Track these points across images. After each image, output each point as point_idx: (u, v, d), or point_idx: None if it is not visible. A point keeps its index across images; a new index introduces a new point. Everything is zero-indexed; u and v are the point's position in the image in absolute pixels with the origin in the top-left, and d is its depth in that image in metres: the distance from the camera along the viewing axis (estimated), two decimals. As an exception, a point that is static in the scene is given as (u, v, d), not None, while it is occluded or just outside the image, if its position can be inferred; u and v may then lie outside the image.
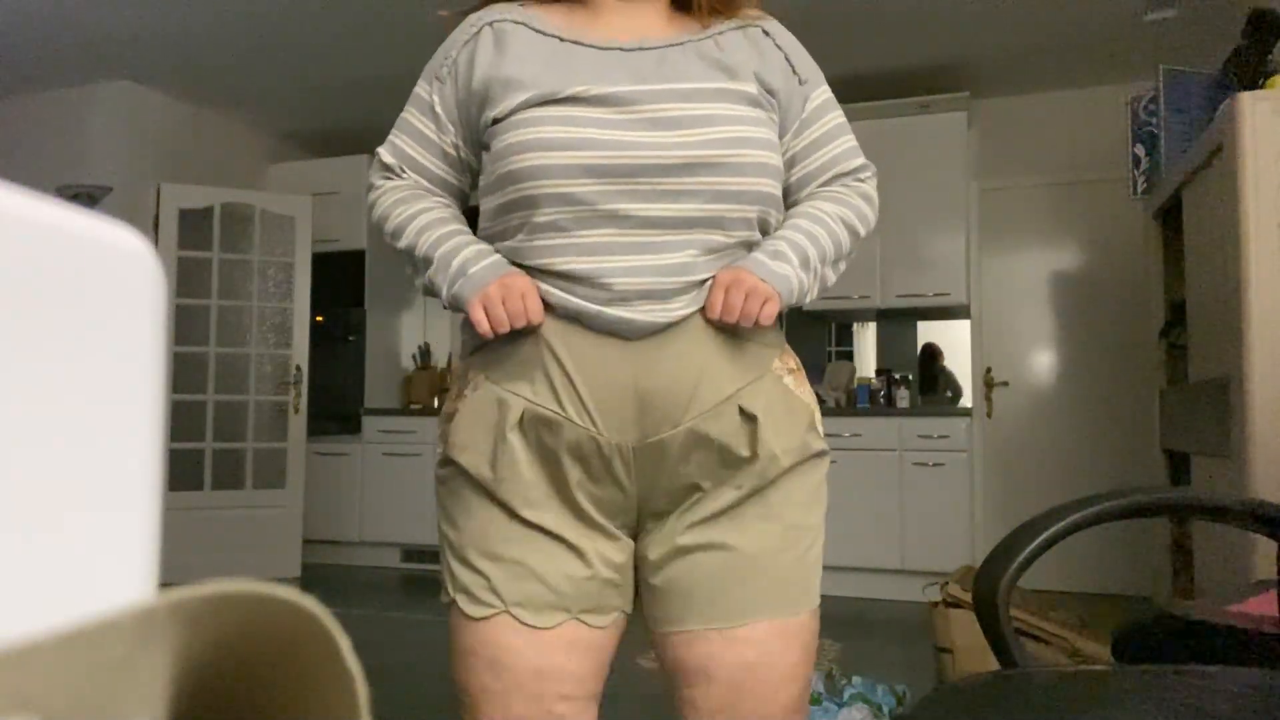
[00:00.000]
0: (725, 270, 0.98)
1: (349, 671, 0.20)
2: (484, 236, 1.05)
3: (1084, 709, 0.81)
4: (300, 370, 4.96)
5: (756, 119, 1.01)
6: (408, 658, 3.22)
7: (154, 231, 4.68)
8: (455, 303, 0.99)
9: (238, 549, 4.72)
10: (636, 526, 1.04)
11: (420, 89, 1.10)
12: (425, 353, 5.66)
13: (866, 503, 4.29)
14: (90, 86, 4.68)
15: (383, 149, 1.12)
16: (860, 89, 4.64)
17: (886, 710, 2.45)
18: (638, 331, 0.96)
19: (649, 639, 1.07)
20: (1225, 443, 2.38)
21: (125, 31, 4.09)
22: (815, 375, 4.83)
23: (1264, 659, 1.05)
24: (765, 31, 1.09)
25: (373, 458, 5.15)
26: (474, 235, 1.06)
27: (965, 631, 2.58)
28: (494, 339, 0.98)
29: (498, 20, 1.06)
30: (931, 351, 5.01)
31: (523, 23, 1.05)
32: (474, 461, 0.99)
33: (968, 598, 2.58)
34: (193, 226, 4.77)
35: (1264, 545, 2.09)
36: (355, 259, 5.36)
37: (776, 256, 1.00)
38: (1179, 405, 2.97)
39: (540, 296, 0.97)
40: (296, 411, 4.95)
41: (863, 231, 1.10)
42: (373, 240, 5.32)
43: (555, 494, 0.99)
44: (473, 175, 1.12)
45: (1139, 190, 3.45)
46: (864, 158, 1.13)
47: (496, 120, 1.00)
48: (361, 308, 5.35)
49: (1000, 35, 4.09)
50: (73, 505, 0.18)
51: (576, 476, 0.99)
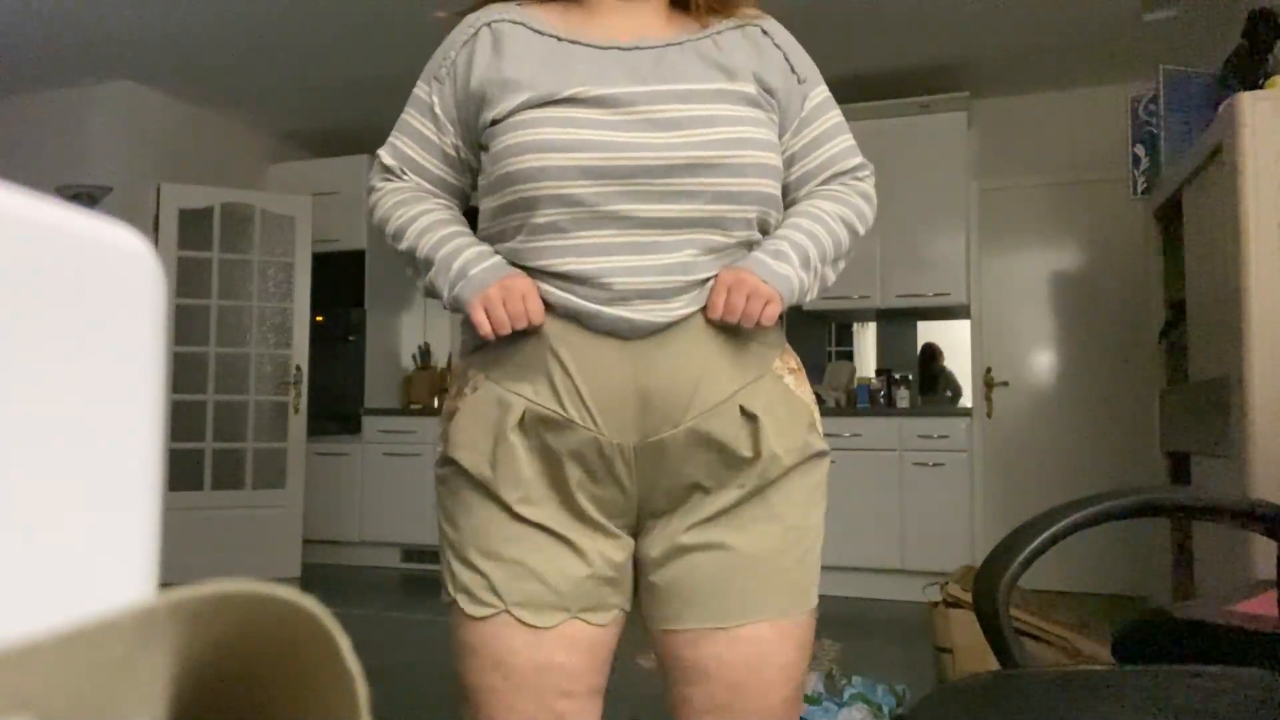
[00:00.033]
0: (727, 270, 0.98)
1: (349, 671, 0.20)
2: (483, 237, 1.05)
3: (1084, 709, 0.81)
4: (300, 370, 4.96)
5: (756, 119, 1.01)
6: (408, 658, 3.22)
7: (154, 231, 4.68)
8: (456, 304, 0.99)
9: (238, 549, 4.72)
10: (637, 526, 1.04)
11: (419, 90, 1.10)
12: (425, 353, 5.66)
13: (866, 503, 4.29)
14: (90, 86, 4.68)
15: (383, 151, 1.12)
16: (860, 89, 4.64)
17: (886, 710, 2.45)
18: (638, 331, 0.96)
19: (648, 638, 1.07)
20: (1225, 443, 2.38)
21: (125, 31, 4.09)
22: (815, 375, 4.83)
23: (1264, 659, 1.05)
24: (764, 31, 1.09)
25: (373, 458, 5.15)
26: (475, 236, 1.06)
27: (965, 631, 2.58)
28: (495, 339, 0.98)
29: (496, 20, 1.06)
30: (931, 351, 5.01)
31: (521, 22, 1.05)
32: (474, 461, 0.99)
33: (968, 598, 2.58)
34: (193, 226, 4.77)
35: (1264, 545, 2.08)
36: (355, 259, 5.37)
37: (778, 256, 1.00)
38: (1179, 405, 2.97)
39: (541, 297, 0.97)
40: (296, 411, 4.95)
41: (861, 230, 1.10)
42: (373, 240, 5.32)
43: (555, 493, 0.99)
44: (473, 175, 1.11)
45: (1139, 190, 3.44)
46: (862, 156, 1.13)
47: (495, 121, 1.00)
48: (361, 308, 5.35)
49: (1000, 35, 4.09)
50: (73, 505, 0.18)
51: (577, 476, 0.99)
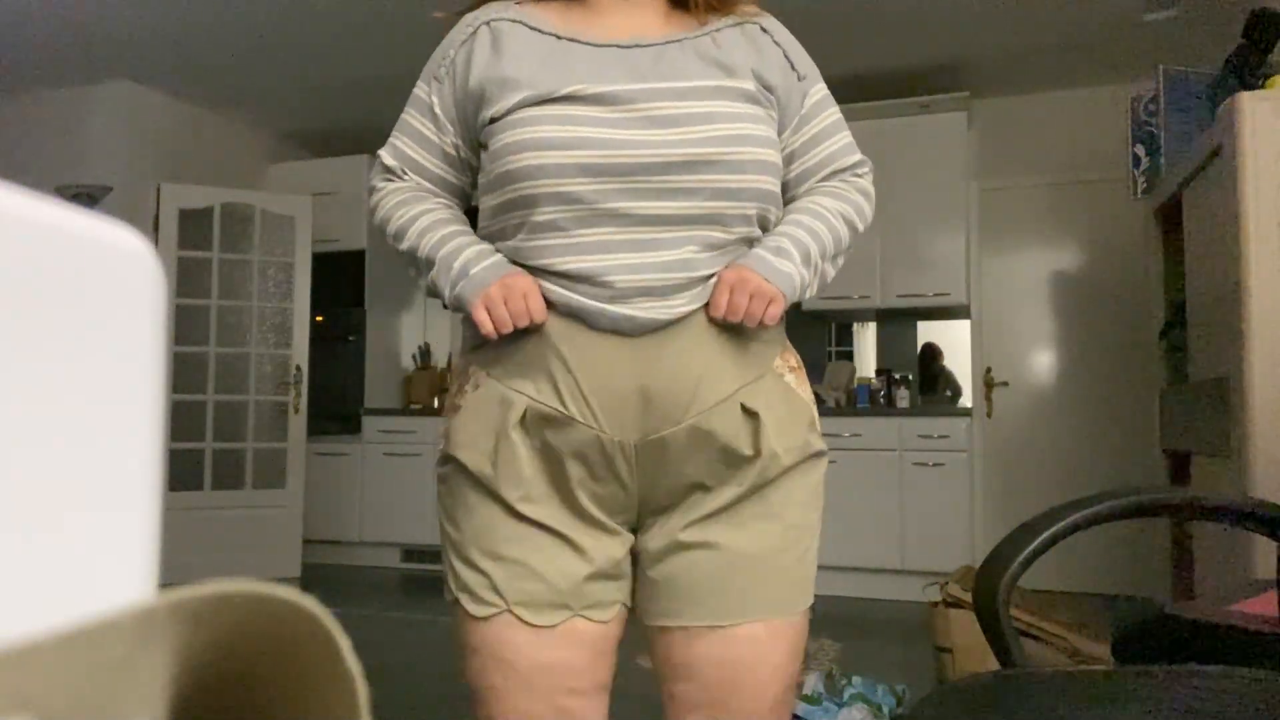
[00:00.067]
0: (730, 269, 0.98)
1: (349, 671, 0.19)
2: (483, 235, 1.05)
3: (1084, 709, 0.81)
4: (300, 370, 4.96)
5: (755, 116, 1.01)
6: (408, 658, 3.22)
7: (154, 231, 4.68)
8: (458, 303, 0.99)
9: (238, 549, 4.72)
10: (637, 522, 1.04)
11: (419, 90, 1.10)
12: (425, 353, 5.66)
13: (866, 503, 4.29)
14: (90, 86, 4.68)
15: (383, 151, 1.12)
16: (860, 89, 4.63)
17: (886, 710, 2.45)
18: (639, 329, 0.96)
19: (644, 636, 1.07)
20: (1225, 443, 2.38)
21: (125, 31, 4.09)
22: (815, 375, 4.83)
23: (1264, 659, 1.05)
24: (763, 28, 1.09)
25: (373, 458, 5.15)
26: (476, 235, 1.06)
27: (965, 631, 2.58)
28: (497, 338, 0.99)
29: (494, 19, 1.06)
30: (931, 351, 5.01)
31: (519, 21, 1.05)
32: (475, 459, 0.99)
33: (968, 598, 2.58)
34: (193, 226, 4.77)
35: (1264, 545, 2.08)
36: (355, 259, 5.36)
37: (779, 253, 1.00)
38: (1179, 405, 2.97)
39: (542, 295, 0.97)
40: (296, 411, 4.95)
41: (861, 227, 1.11)
42: (373, 240, 5.32)
43: (555, 492, 1.00)
44: (474, 174, 1.11)
45: (1139, 190, 3.44)
46: (860, 153, 1.14)
47: (494, 119, 1.00)
48: (361, 308, 5.35)
49: (1000, 35, 4.09)
50: (73, 505, 0.18)
51: (578, 474, 0.99)
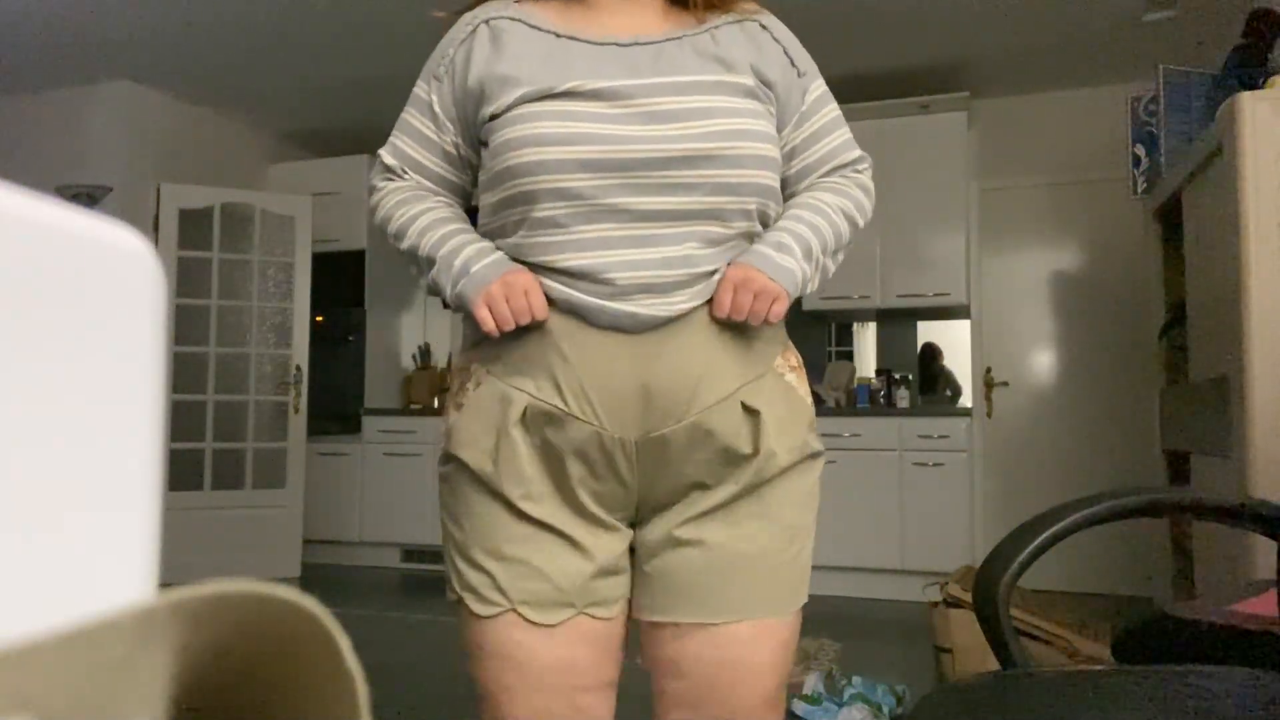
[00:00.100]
0: (733, 268, 0.98)
1: (349, 671, 0.19)
2: (483, 232, 1.05)
3: (1084, 709, 0.81)
4: (300, 370, 4.95)
5: (754, 111, 1.01)
6: (408, 658, 3.22)
7: (154, 231, 4.68)
8: (459, 302, 1.00)
9: (238, 549, 4.72)
10: (636, 519, 1.05)
11: (419, 89, 1.10)
12: (425, 353, 5.66)
13: (866, 503, 4.29)
14: (90, 86, 4.68)
15: (384, 150, 1.12)
16: (860, 89, 4.63)
17: (886, 710, 2.45)
18: (640, 325, 0.96)
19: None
20: (1225, 443, 2.38)
21: (125, 31, 4.09)
22: (815, 375, 4.83)
23: (1264, 659, 1.05)
24: (762, 25, 1.09)
25: (373, 458, 5.15)
26: (476, 233, 1.06)
27: (965, 631, 2.58)
28: (498, 335, 0.99)
29: (494, 18, 1.06)
30: (931, 351, 5.01)
31: (519, 19, 1.05)
32: (476, 458, 0.99)
33: (968, 598, 2.58)
34: (193, 226, 4.77)
35: (1264, 545, 2.08)
36: (355, 259, 5.36)
37: (781, 249, 1.00)
38: (1179, 405, 2.97)
39: (543, 292, 0.97)
40: (296, 411, 4.95)
41: (861, 222, 1.11)
42: (373, 240, 5.32)
43: (556, 490, 1.00)
44: (474, 173, 1.12)
45: (1139, 190, 3.44)
46: (860, 150, 1.14)
47: (494, 117, 1.00)
48: (361, 308, 5.35)
49: (1000, 35, 4.09)
50: (73, 505, 0.18)
51: (578, 472, 0.99)
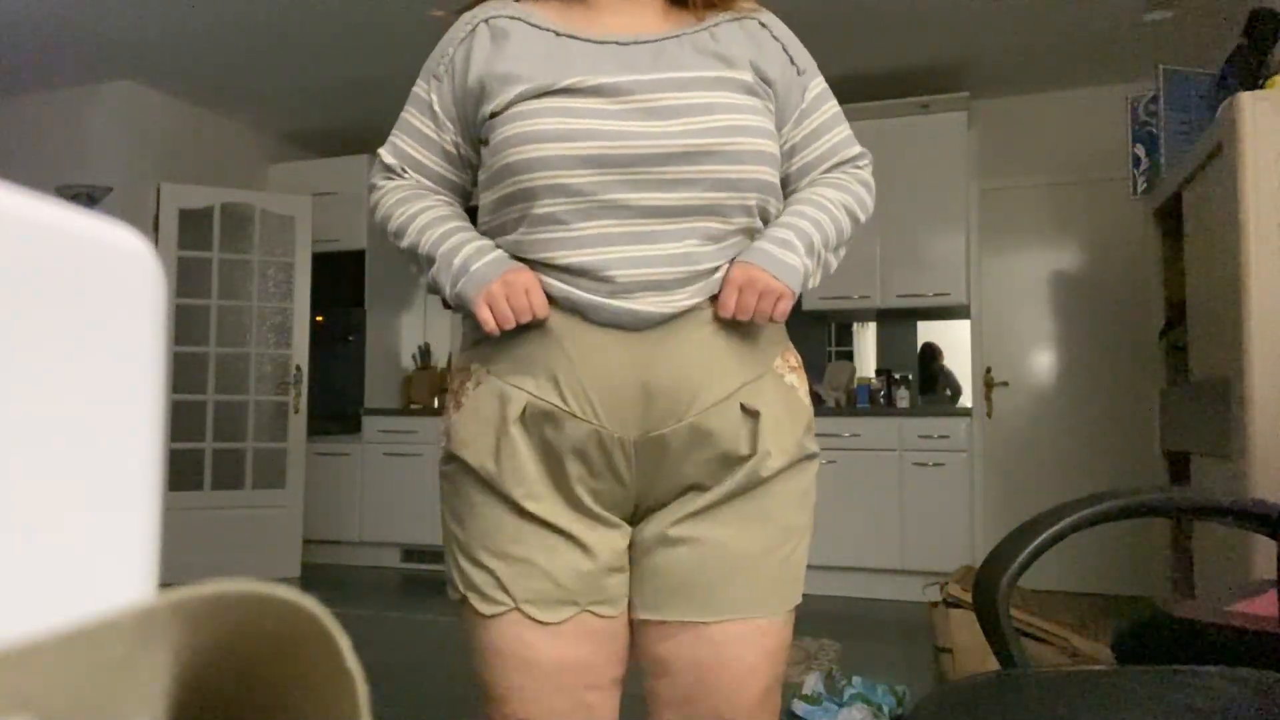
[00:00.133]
0: (737, 268, 0.98)
1: (349, 671, 0.19)
2: (483, 231, 1.05)
3: (1084, 709, 0.81)
4: (300, 370, 4.95)
5: (754, 107, 1.01)
6: (408, 658, 3.22)
7: (154, 231, 4.68)
8: (459, 301, 1.00)
9: (238, 549, 4.72)
10: (633, 518, 1.05)
11: (419, 88, 1.10)
12: (425, 353, 5.66)
13: (866, 503, 4.29)
14: (90, 86, 4.68)
15: (383, 150, 1.12)
16: (860, 89, 4.63)
17: (886, 710, 2.45)
18: (642, 323, 0.96)
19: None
20: (1225, 443, 2.38)
21: (125, 31, 4.09)
22: (815, 375, 4.82)
23: (1264, 659, 1.05)
24: (761, 23, 1.09)
25: (373, 458, 5.15)
26: (475, 231, 1.06)
27: (965, 631, 2.58)
28: (499, 334, 0.99)
29: (494, 17, 1.06)
30: (931, 351, 5.01)
31: (519, 18, 1.06)
32: (478, 457, 0.99)
33: (968, 598, 2.58)
34: (193, 226, 4.76)
35: (1264, 545, 2.08)
36: (355, 259, 5.36)
37: (784, 245, 1.00)
38: (1179, 405, 2.97)
39: (543, 290, 0.97)
40: (296, 411, 4.95)
41: (862, 218, 1.12)
42: (373, 240, 5.31)
43: (556, 488, 1.00)
44: (474, 172, 1.12)
45: (1139, 190, 3.44)
46: (860, 146, 1.15)
47: (494, 114, 1.00)
48: (361, 308, 5.35)
49: (1000, 35, 4.09)
50: (73, 505, 0.18)
51: (577, 471, 0.99)
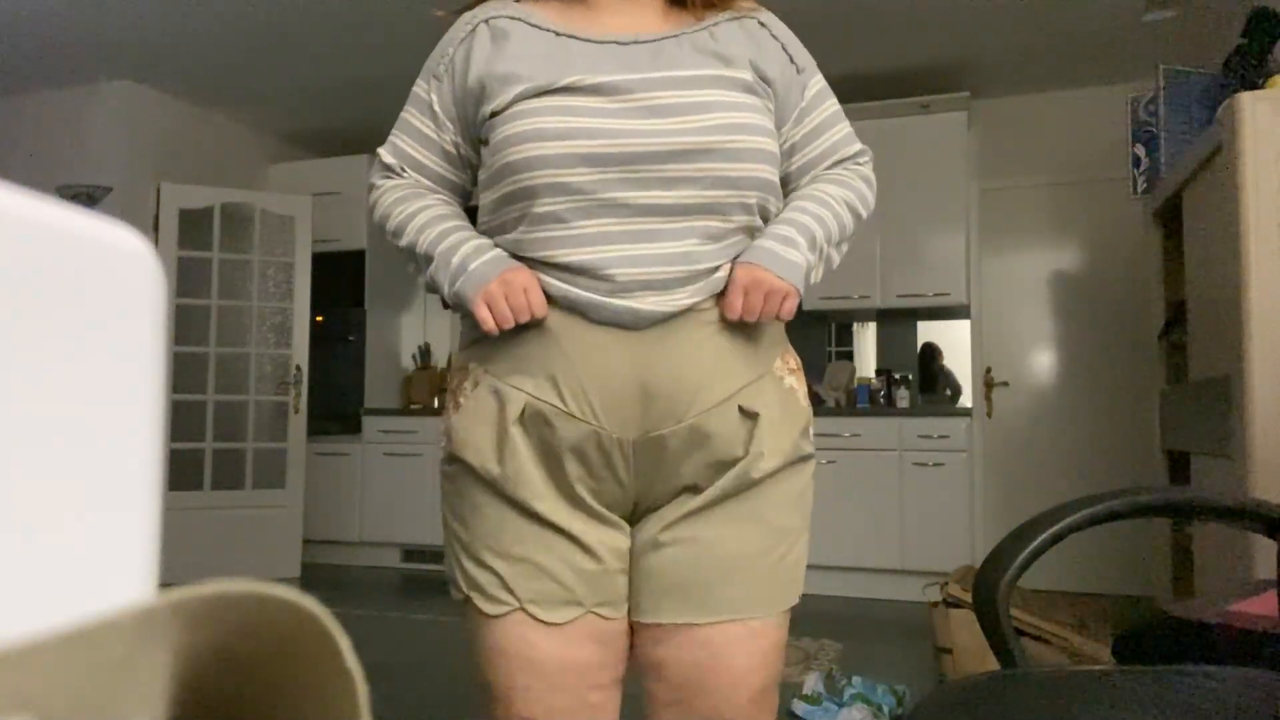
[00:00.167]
0: (741, 269, 0.99)
1: (349, 671, 0.19)
2: (483, 230, 1.05)
3: (1084, 709, 0.81)
4: (300, 370, 4.95)
5: (753, 106, 1.01)
6: (408, 658, 3.22)
7: (154, 231, 4.68)
8: (457, 300, 1.00)
9: (238, 549, 4.72)
10: (632, 518, 1.05)
11: (419, 88, 1.11)
12: (425, 353, 5.66)
13: (866, 503, 4.29)
14: (90, 86, 4.68)
15: (383, 149, 1.13)
16: (860, 89, 4.63)
17: (886, 710, 2.45)
18: (641, 322, 0.96)
19: None
20: (1225, 443, 2.38)
21: (125, 31, 4.09)
22: (815, 375, 4.82)
23: (1264, 659, 1.05)
24: (760, 23, 1.10)
25: (373, 458, 5.15)
26: (474, 230, 1.06)
27: (965, 631, 2.58)
28: (498, 334, 0.99)
29: (494, 17, 1.07)
30: (931, 351, 5.01)
31: (519, 18, 1.06)
32: (480, 459, 1.00)
33: (968, 598, 2.58)
34: (193, 226, 4.76)
35: (1264, 545, 2.08)
36: (355, 259, 5.36)
37: (786, 242, 1.00)
38: (1179, 405, 2.97)
39: (542, 289, 0.97)
40: (296, 411, 4.95)
41: (864, 213, 1.12)
42: (373, 240, 5.32)
43: (557, 487, 1.00)
44: (473, 172, 1.12)
45: (1139, 190, 3.44)
46: (860, 143, 1.15)
47: (494, 114, 1.01)
48: (361, 308, 5.35)
49: (1000, 35, 4.09)
50: (73, 505, 0.18)
51: (576, 471, 0.99)
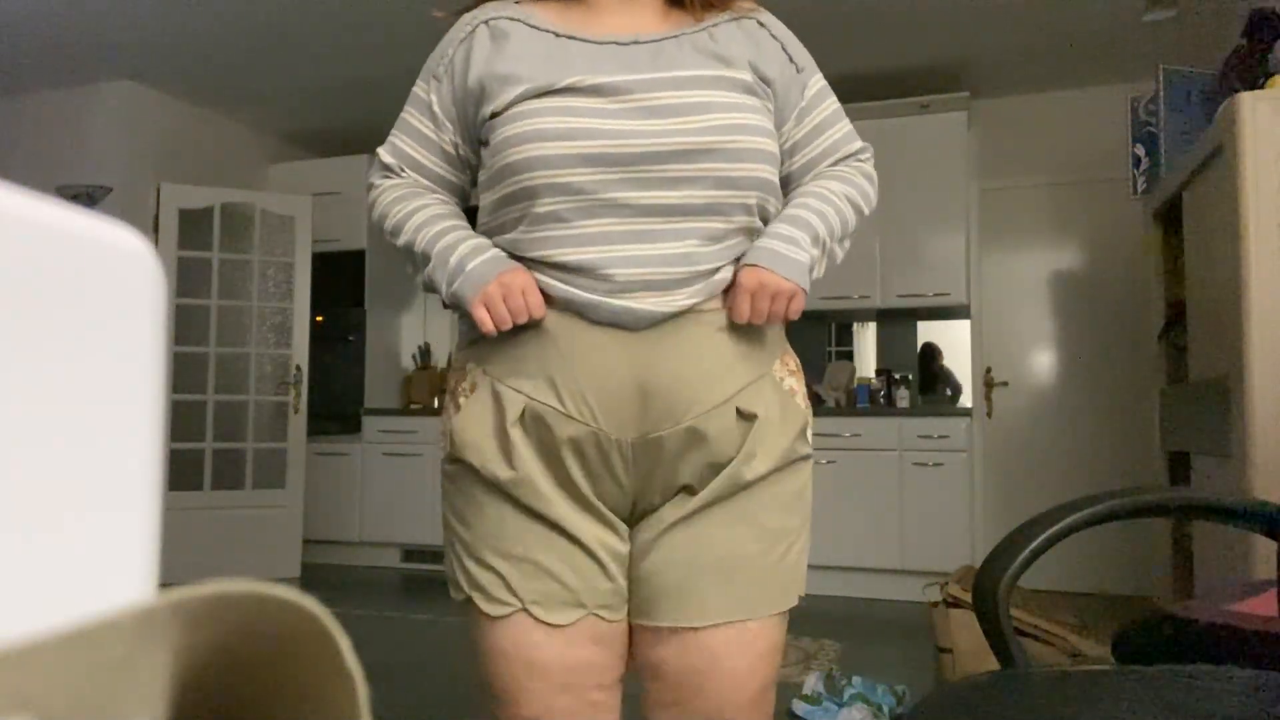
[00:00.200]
0: (745, 273, 0.99)
1: (349, 671, 0.19)
2: (483, 230, 1.05)
3: (1084, 709, 0.81)
4: (300, 370, 4.95)
5: (752, 106, 1.01)
6: (408, 658, 3.22)
7: (154, 231, 4.68)
8: (455, 300, 1.00)
9: (238, 549, 4.72)
10: (630, 520, 1.05)
11: (418, 88, 1.11)
12: (425, 353, 5.66)
13: (866, 503, 4.29)
14: (90, 86, 4.67)
15: (382, 149, 1.13)
16: (860, 89, 4.63)
17: (886, 710, 2.45)
18: (641, 321, 0.96)
19: None
20: (1225, 443, 2.38)
21: (125, 31, 4.09)
22: (815, 375, 4.82)
23: (1264, 659, 1.05)
24: (760, 23, 1.10)
25: (373, 458, 5.15)
26: (473, 230, 1.06)
27: (965, 631, 2.58)
28: (496, 334, 0.99)
29: (494, 18, 1.07)
30: (931, 351, 5.01)
31: (519, 19, 1.06)
32: (481, 460, 1.00)
33: (968, 598, 2.58)
34: (193, 226, 4.76)
35: (1264, 545, 2.08)
36: (355, 259, 5.36)
37: (789, 241, 1.00)
38: (1179, 405, 2.97)
39: (540, 289, 0.97)
40: (296, 411, 4.95)
41: (866, 210, 1.12)
42: (373, 240, 5.32)
43: (558, 487, 1.00)
44: (472, 173, 1.12)
45: (1139, 190, 3.44)
46: (861, 140, 1.16)
47: (494, 115, 1.01)
48: (361, 308, 5.35)
49: (1000, 35, 4.09)
50: (73, 505, 0.18)
51: (576, 472, 0.99)
